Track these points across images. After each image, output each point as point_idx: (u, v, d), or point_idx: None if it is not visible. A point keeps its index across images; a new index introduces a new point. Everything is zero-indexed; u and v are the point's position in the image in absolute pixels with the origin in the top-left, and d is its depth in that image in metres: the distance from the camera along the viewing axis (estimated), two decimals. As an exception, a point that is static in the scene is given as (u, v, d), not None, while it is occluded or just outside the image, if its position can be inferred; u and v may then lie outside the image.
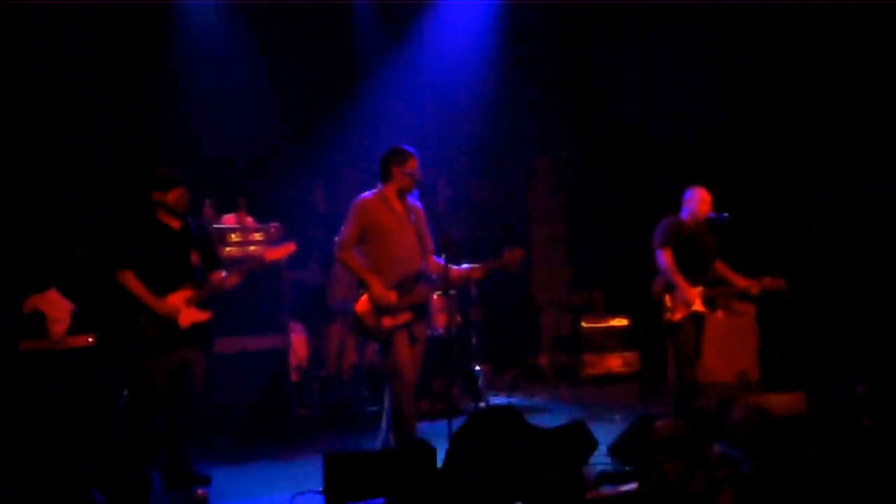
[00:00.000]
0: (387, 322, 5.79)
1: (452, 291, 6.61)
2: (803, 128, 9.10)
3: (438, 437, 5.52)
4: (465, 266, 6.03)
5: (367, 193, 5.98)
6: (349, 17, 9.37)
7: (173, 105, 8.33)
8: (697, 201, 7.03)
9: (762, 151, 9.27)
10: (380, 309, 5.78)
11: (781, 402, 6.54)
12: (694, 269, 6.91)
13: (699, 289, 6.88)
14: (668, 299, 6.89)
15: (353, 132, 9.07)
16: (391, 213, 5.90)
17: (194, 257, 5.73)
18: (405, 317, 5.82)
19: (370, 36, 9.43)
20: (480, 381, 8.14)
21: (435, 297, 7.72)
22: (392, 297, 5.78)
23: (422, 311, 5.93)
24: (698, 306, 6.90)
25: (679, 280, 6.85)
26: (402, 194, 5.95)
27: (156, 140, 8.08)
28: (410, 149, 5.96)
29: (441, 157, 9.30)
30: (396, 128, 8.65)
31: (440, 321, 8.10)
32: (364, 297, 5.82)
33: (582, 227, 10.34)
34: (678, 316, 6.87)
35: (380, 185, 5.98)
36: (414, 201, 6.05)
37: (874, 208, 8.79)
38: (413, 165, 5.90)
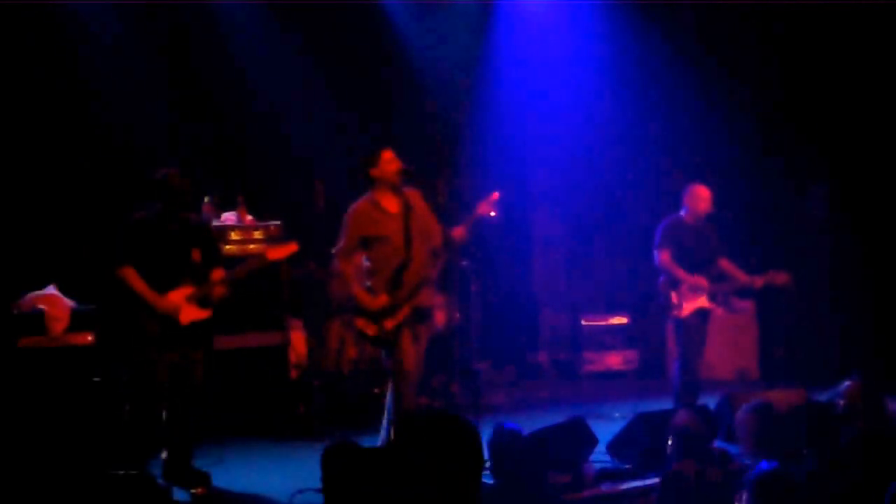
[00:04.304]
0: (389, 324, 5.78)
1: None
2: (804, 125, 9.11)
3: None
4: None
5: (358, 201, 5.96)
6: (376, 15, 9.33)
7: (173, 102, 8.31)
8: (696, 198, 7.05)
9: (763, 149, 9.28)
10: (376, 315, 5.79)
11: (782, 398, 6.54)
12: (696, 265, 6.92)
13: (703, 278, 6.89)
14: (674, 296, 6.90)
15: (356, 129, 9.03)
16: (383, 216, 5.87)
17: (195, 254, 5.73)
18: (404, 312, 5.81)
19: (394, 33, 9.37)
20: (480, 379, 8.13)
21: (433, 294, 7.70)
22: (382, 300, 5.79)
23: (422, 310, 5.90)
24: (704, 302, 6.91)
25: (680, 272, 6.86)
26: (394, 189, 5.90)
27: (155, 136, 8.05)
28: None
29: (436, 152, 9.29)
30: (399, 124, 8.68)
31: (439, 318, 8.09)
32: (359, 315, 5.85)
33: (582, 226, 10.33)
34: (685, 312, 6.88)
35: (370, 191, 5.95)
36: (412, 191, 5.97)
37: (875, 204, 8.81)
38: (386, 157, 5.86)
